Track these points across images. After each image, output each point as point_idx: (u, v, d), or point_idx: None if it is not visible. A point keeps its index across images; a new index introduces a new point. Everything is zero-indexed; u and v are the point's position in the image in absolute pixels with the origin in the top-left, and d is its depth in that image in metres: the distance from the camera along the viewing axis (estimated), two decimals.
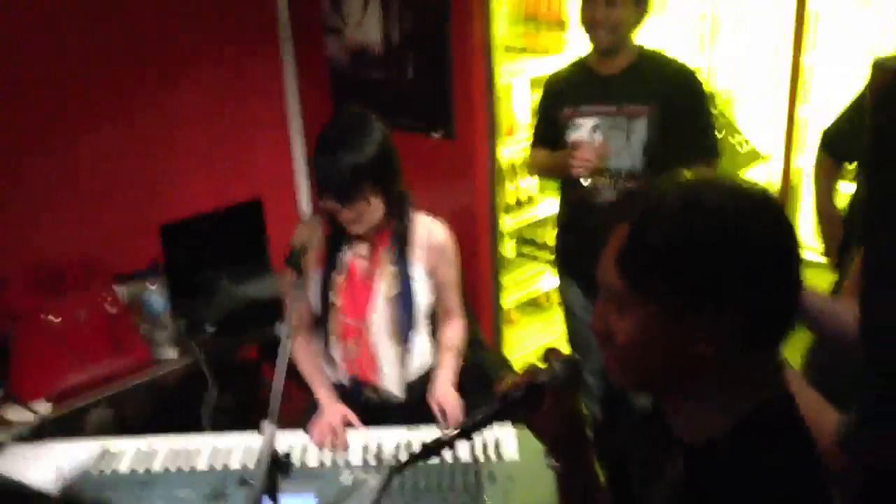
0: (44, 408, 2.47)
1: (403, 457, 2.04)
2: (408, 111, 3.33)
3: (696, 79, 2.77)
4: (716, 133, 2.86)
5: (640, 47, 2.76)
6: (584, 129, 2.75)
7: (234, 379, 3.04)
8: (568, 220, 2.99)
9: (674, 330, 1.02)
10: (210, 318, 2.83)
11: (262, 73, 3.65)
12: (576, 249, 2.95)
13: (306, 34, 3.68)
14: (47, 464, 2.08)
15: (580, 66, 2.85)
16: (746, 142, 4.03)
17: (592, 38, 2.70)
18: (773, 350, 1.07)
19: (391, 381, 2.30)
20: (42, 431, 2.39)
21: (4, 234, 2.88)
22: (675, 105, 2.68)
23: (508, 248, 3.76)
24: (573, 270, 3.04)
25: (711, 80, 4.11)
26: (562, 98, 2.83)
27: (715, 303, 0.99)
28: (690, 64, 2.88)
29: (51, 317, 2.51)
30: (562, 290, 3.14)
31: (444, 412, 2.19)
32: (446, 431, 1.88)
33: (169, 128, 3.34)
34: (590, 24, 2.66)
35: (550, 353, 1.29)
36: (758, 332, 1.02)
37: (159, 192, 3.28)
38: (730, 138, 3.97)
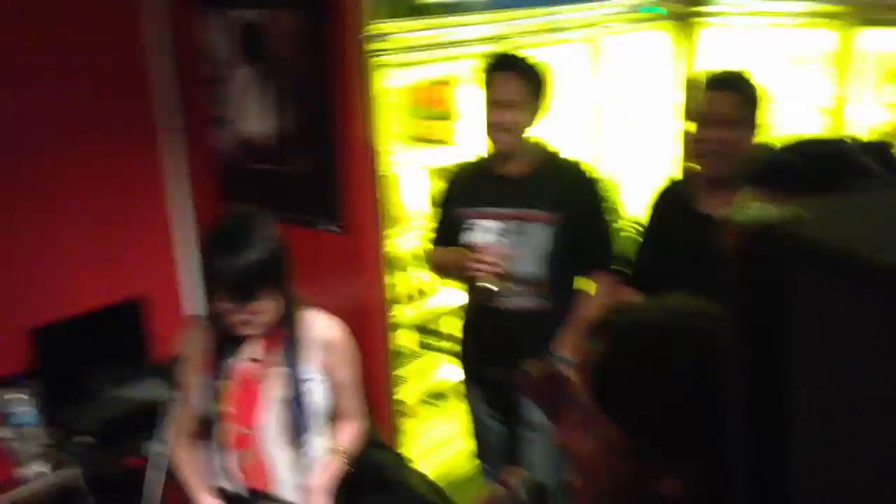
0: None
1: None
2: (297, 204, 3.27)
3: (596, 182, 2.78)
4: (612, 242, 2.81)
5: (544, 149, 2.75)
6: (481, 232, 2.71)
7: (116, 491, 2.83)
8: (471, 325, 2.92)
9: (636, 462, 0.95)
10: (87, 427, 2.64)
11: (144, 165, 3.53)
12: (480, 356, 2.88)
13: (192, 124, 3.60)
14: None
15: (481, 166, 2.81)
16: (634, 225, 4.14)
17: (491, 141, 2.68)
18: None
19: (287, 488, 2.18)
20: None
21: None
22: (575, 213, 2.66)
23: (408, 340, 3.70)
24: (476, 376, 2.96)
25: (598, 166, 4.23)
26: (460, 197, 2.80)
27: (686, 440, 0.93)
28: (590, 165, 2.91)
29: None
30: (467, 391, 3.04)
31: None
32: None
33: (42, 224, 3.17)
34: (489, 126, 2.64)
35: (508, 475, 1.20)
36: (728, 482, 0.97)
37: (30, 292, 3.08)
38: (615, 224, 4.06)
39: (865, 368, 0.51)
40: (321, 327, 2.22)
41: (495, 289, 2.62)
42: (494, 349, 2.79)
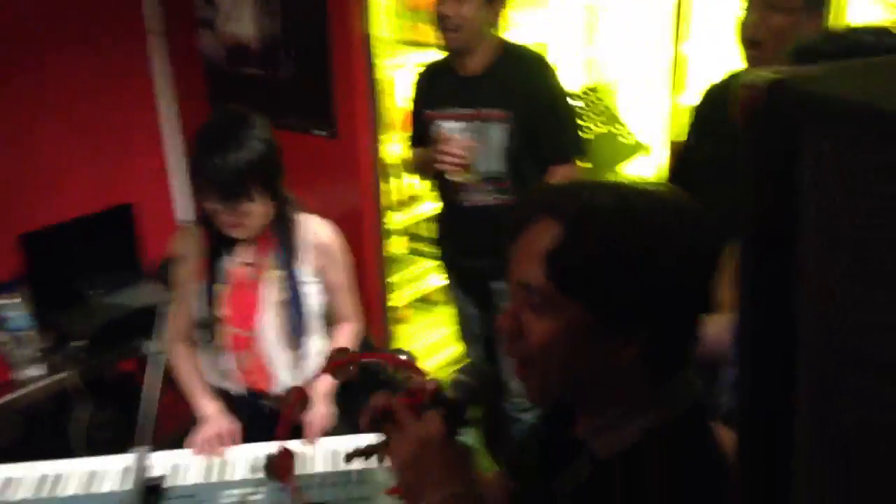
0: None
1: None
2: (288, 109, 3.22)
3: (553, 76, 2.74)
4: (577, 131, 2.86)
5: (503, 43, 2.71)
6: (444, 131, 2.71)
7: (111, 395, 2.87)
8: (442, 220, 3.01)
9: (596, 335, 0.98)
10: (81, 331, 2.65)
11: (132, 69, 3.46)
12: (452, 249, 2.98)
13: (179, 27, 3.50)
14: None
15: (443, 65, 2.80)
16: (630, 133, 4.10)
17: (442, 37, 2.63)
18: (685, 364, 1.05)
19: (284, 389, 2.21)
20: None
21: None
22: (533, 106, 2.65)
23: (398, 246, 3.70)
24: (452, 268, 3.06)
25: (595, 71, 4.16)
26: (426, 98, 2.81)
27: (643, 311, 0.96)
28: (563, 61, 2.88)
29: None
30: (449, 283, 3.16)
31: (308, 425, 2.11)
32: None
33: (30, 130, 3.12)
34: (438, 21, 2.58)
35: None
36: (677, 343, 1.01)
37: (19, 198, 3.05)
38: (612, 130, 4.02)
39: (882, 232, 0.50)
40: (314, 230, 2.21)
41: (461, 180, 2.64)
42: (464, 243, 2.88)
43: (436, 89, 2.77)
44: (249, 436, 2.14)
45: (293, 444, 2.03)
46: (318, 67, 3.11)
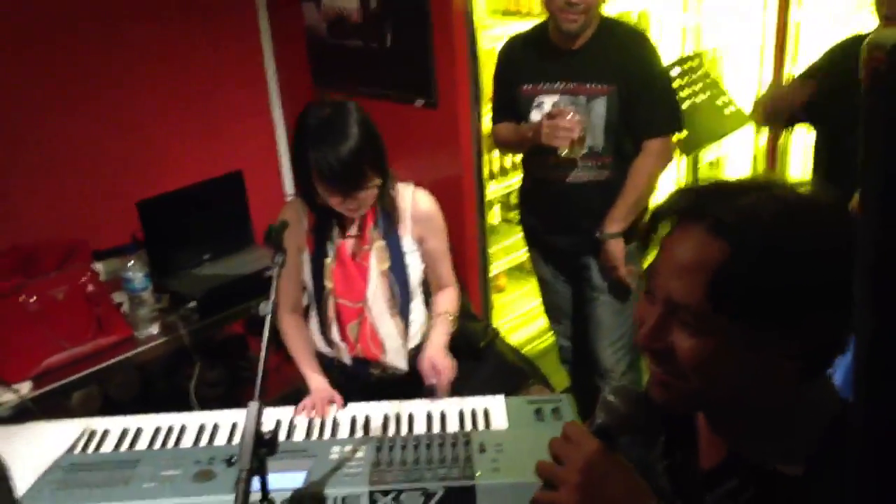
0: (26, 388, 2.43)
1: (391, 430, 2.05)
2: (389, 80, 3.27)
3: (651, 49, 2.71)
4: (674, 105, 2.81)
5: (601, 16, 2.68)
6: (547, 108, 2.69)
7: (220, 355, 3.01)
8: (529, 196, 2.99)
9: (754, 350, 0.95)
10: (193, 294, 2.79)
11: (239, 43, 3.57)
12: (538, 224, 2.97)
13: (282, 1, 3.59)
14: (30, 445, 2.05)
15: (535, 38, 2.77)
16: (732, 103, 3.99)
17: (561, 21, 2.58)
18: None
19: (395, 355, 2.29)
20: (25, 412, 2.36)
21: None
22: (630, 79, 2.63)
23: (493, 216, 3.73)
24: (537, 243, 3.06)
25: (698, 39, 4.06)
26: (520, 72, 2.77)
27: (805, 321, 0.93)
28: (666, 28, 2.83)
29: (29, 297, 2.45)
30: (532, 258, 3.15)
31: (437, 372, 2.17)
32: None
33: (147, 104, 3.27)
34: (561, 5, 2.53)
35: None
36: (831, 349, 0.97)
37: (137, 168, 3.22)
38: (715, 101, 3.91)
39: None
40: (412, 200, 2.26)
41: (572, 156, 2.61)
42: (555, 220, 2.87)
43: (532, 63, 2.74)
44: (358, 401, 2.22)
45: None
46: (419, 38, 3.14)
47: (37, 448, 2.03)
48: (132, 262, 2.67)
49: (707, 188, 1.03)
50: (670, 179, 3.69)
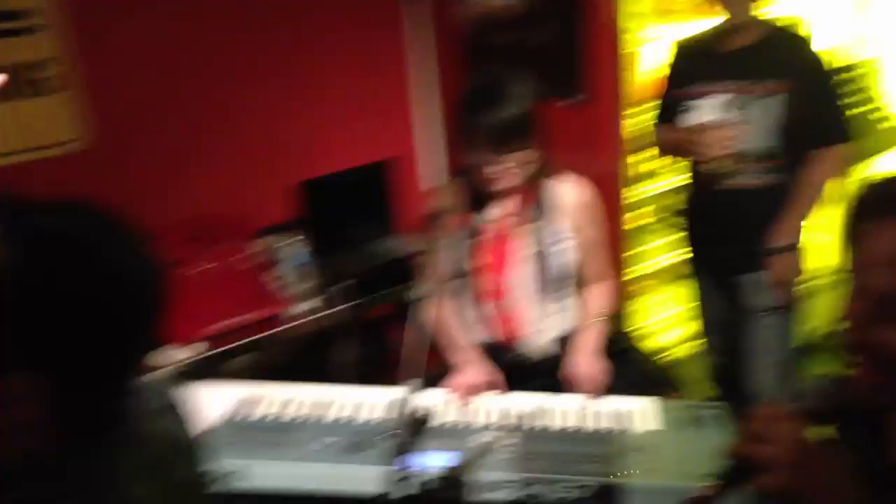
0: (195, 350, 2.61)
1: (541, 421, 2.08)
2: (537, 77, 3.28)
3: (824, 58, 2.62)
4: (845, 114, 2.67)
5: (769, 22, 2.62)
6: (700, 112, 2.65)
7: (367, 335, 3.12)
8: (692, 202, 2.91)
9: None
10: (346, 274, 2.91)
11: (396, 37, 3.68)
12: (701, 232, 2.89)
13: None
14: (200, 403, 2.19)
15: (701, 43, 2.73)
16: (891, 119, 3.78)
17: (727, 9, 2.55)
18: None
19: (541, 339, 2.32)
20: (194, 372, 2.54)
21: (167, 188, 3.04)
22: (807, 82, 2.55)
23: (639, 219, 3.68)
24: (697, 252, 2.97)
25: (859, 47, 3.87)
26: (681, 75, 2.74)
27: None
28: (827, 36, 2.73)
29: (203, 265, 2.63)
30: (694, 269, 3.06)
31: (582, 381, 2.19)
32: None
33: (308, 89, 3.42)
34: None
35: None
36: None
37: (301, 149, 3.38)
38: (871, 115, 3.72)
39: None
40: (571, 188, 2.28)
41: (721, 170, 2.55)
42: (720, 229, 2.77)
43: (694, 67, 2.71)
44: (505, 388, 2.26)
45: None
46: (570, 36, 3.14)
47: (206, 405, 2.17)
48: (294, 239, 2.81)
49: None
50: None
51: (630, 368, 2.47)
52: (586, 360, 2.22)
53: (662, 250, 3.70)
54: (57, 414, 0.94)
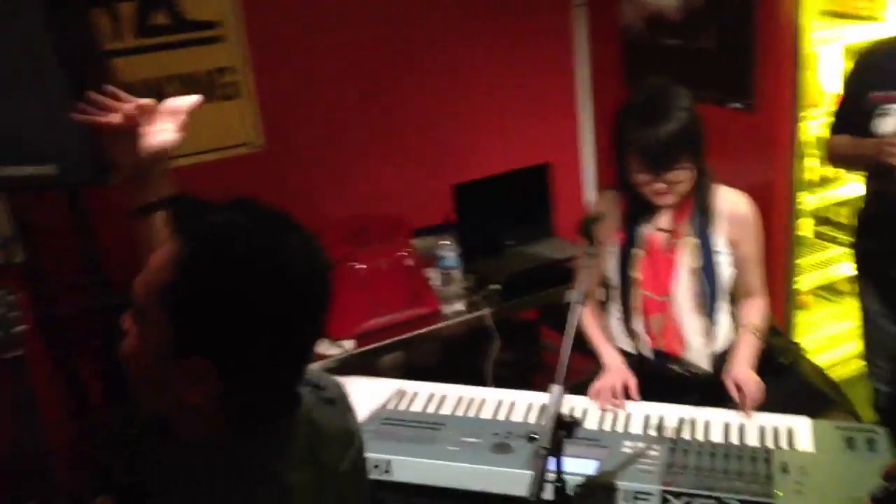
0: (348, 346, 2.73)
1: (688, 434, 2.04)
2: (704, 80, 3.20)
3: None
4: None
5: None
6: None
7: (515, 337, 3.15)
8: (870, 218, 2.73)
9: None
10: (496, 277, 2.95)
11: (554, 40, 3.68)
12: (878, 251, 2.70)
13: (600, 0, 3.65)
14: (352, 396, 2.30)
15: (890, 47, 2.55)
16: None
17: None
18: None
19: (697, 355, 2.28)
20: (345, 367, 2.65)
21: (327, 188, 3.20)
22: None
23: (806, 228, 3.52)
24: (872, 272, 2.79)
25: None
26: (872, 80, 2.53)
27: None
28: None
29: (358, 264, 2.74)
30: (860, 288, 2.88)
31: (740, 392, 2.12)
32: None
33: (464, 94, 3.49)
34: None
35: None
36: None
37: (455, 153, 3.45)
38: None
39: None
40: (730, 201, 2.23)
41: None
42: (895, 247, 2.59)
43: (885, 72, 2.52)
44: (654, 396, 2.23)
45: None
46: (741, 38, 3.04)
47: (356, 400, 2.27)
48: (447, 241, 2.89)
49: None
50: None
51: (787, 385, 2.36)
52: (741, 375, 2.15)
53: (831, 262, 3.51)
54: (226, 399, 1.03)
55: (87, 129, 2.17)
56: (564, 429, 1.71)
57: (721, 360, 2.27)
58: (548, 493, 1.64)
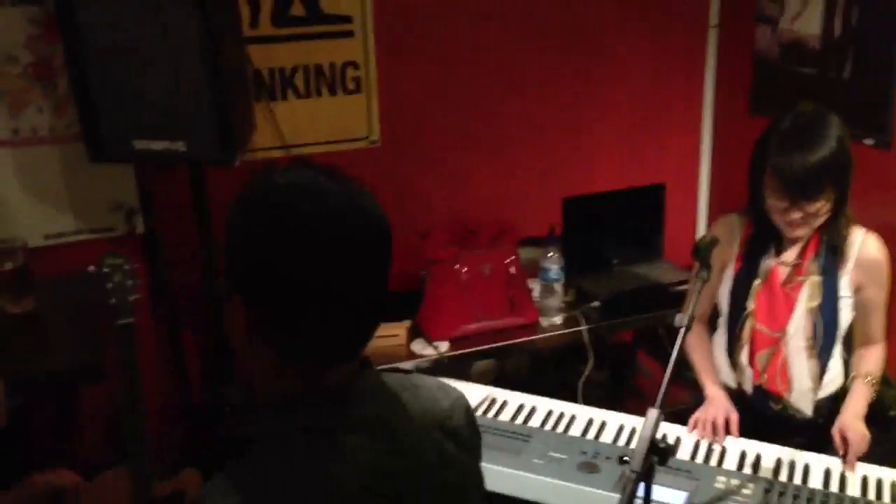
0: (443, 347, 2.74)
1: (783, 476, 1.96)
2: (837, 113, 3.06)
3: None
4: None
5: None
6: None
7: (609, 358, 3.10)
8: None
9: None
10: (598, 294, 2.90)
11: (684, 60, 3.60)
12: None
13: (735, 21, 3.55)
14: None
15: None
16: None
17: None
18: None
19: (801, 397, 2.19)
20: (437, 368, 2.67)
21: (439, 190, 3.22)
22: None
23: None
24: None
25: None
26: None
27: None
28: None
29: (462, 267, 2.75)
30: None
31: (846, 444, 2.02)
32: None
33: (583, 108, 3.45)
34: None
35: None
36: None
37: (567, 165, 3.42)
38: None
39: None
40: (862, 243, 2.12)
41: None
42: None
43: None
44: (752, 434, 2.16)
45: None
46: (883, 71, 2.90)
47: None
48: (551, 253, 2.86)
49: None
50: None
51: (893, 438, 2.25)
52: (849, 424, 2.05)
53: None
54: (285, 356, 1.07)
55: (218, 110, 2.26)
56: (657, 455, 1.67)
57: (825, 406, 2.17)
58: None
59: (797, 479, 1.96)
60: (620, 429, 2.20)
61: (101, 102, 2.31)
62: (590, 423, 2.24)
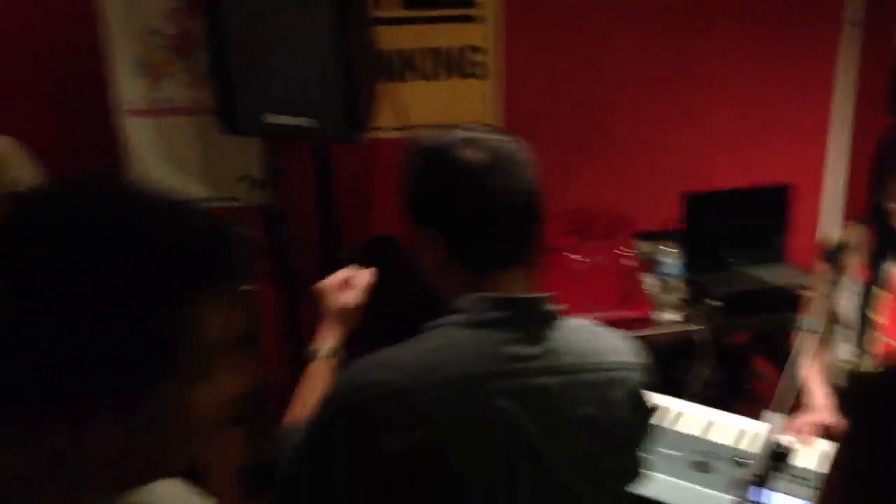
0: None
1: None
2: None
3: None
4: None
5: None
6: None
7: (724, 358, 3.01)
8: None
9: None
10: (717, 293, 2.83)
11: (816, 57, 3.46)
12: None
13: (878, 19, 3.38)
14: None
15: None
16: None
17: None
18: None
19: None
20: None
21: (557, 178, 3.20)
22: None
23: None
24: None
25: None
26: None
27: None
28: None
29: (577, 257, 2.73)
30: None
31: None
32: None
33: (706, 103, 3.36)
34: None
35: None
36: None
37: (687, 162, 3.34)
38: None
39: None
40: None
41: None
42: None
43: None
44: None
45: None
46: None
47: None
48: (669, 248, 2.81)
49: None
50: None
51: None
52: None
53: None
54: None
55: (347, 90, 2.32)
56: (777, 460, 1.63)
57: None
58: None
59: None
60: (737, 431, 2.14)
61: (236, 77, 2.40)
62: (705, 422, 2.18)
